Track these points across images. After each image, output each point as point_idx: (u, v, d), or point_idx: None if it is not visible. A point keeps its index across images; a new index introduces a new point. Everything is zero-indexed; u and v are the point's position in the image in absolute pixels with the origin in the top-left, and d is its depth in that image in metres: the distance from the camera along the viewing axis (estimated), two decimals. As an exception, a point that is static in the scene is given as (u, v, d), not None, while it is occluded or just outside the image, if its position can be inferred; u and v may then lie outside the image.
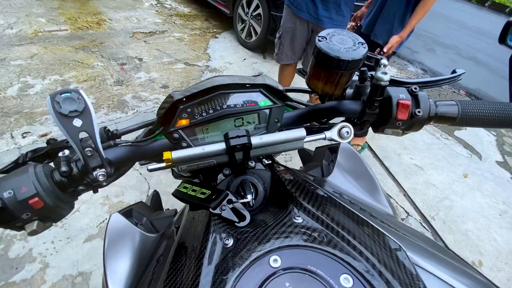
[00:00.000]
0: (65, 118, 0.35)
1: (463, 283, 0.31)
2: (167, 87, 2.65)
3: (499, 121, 0.45)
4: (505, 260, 1.83)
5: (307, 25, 1.90)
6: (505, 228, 2.05)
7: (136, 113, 2.29)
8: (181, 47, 3.34)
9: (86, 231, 1.47)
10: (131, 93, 2.49)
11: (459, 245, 1.87)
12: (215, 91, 0.43)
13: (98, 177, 0.39)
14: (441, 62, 4.49)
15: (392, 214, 0.52)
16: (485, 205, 2.21)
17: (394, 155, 2.46)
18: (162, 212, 0.71)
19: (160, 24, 3.73)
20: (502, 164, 2.69)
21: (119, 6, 3.99)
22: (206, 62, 3.16)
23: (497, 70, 4.58)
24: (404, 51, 4.61)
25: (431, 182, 2.30)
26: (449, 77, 0.52)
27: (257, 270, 0.28)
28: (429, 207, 2.10)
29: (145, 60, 2.95)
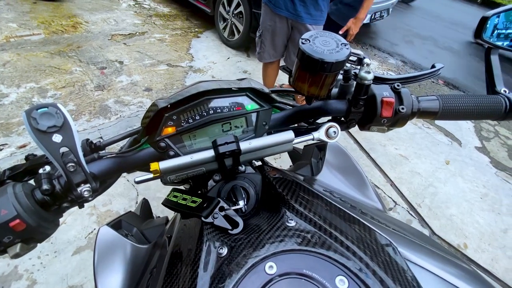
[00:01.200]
0: (44, 134, 0.34)
1: (451, 274, 0.32)
2: (150, 90, 2.60)
3: (477, 113, 0.46)
4: (488, 241, 1.92)
5: (287, 22, 1.90)
6: (486, 211, 2.15)
7: (119, 118, 2.23)
8: (163, 48, 3.27)
9: (74, 243, 1.42)
10: (113, 97, 2.42)
11: (444, 229, 1.95)
12: (200, 97, 0.42)
13: (83, 193, 0.37)
14: (419, 53, 4.63)
15: (382, 209, 0.53)
16: (467, 190, 2.30)
17: (379, 146, 2.52)
18: (152, 220, 0.70)
19: (140, 25, 3.64)
20: (480, 150, 2.80)
21: (95, 7, 3.86)
22: (189, 63, 3.11)
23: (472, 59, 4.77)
24: (384, 44, 4.72)
25: (415, 171, 2.38)
26: (429, 72, 0.53)
27: (253, 278, 0.28)
28: (415, 195, 2.16)
29: (126, 63, 2.88)
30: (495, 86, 0.51)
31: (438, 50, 4.94)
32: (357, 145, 2.49)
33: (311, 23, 1.86)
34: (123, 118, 2.23)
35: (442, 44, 5.14)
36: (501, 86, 0.50)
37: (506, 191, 2.36)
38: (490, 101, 0.47)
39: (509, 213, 2.16)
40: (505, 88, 0.50)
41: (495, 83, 0.51)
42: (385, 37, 5.03)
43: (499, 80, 0.51)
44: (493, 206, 2.20)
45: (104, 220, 1.54)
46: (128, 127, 2.14)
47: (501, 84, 0.50)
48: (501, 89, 0.50)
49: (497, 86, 0.50)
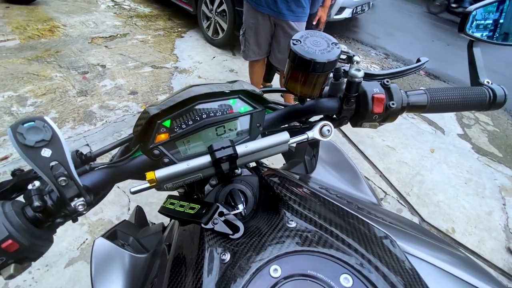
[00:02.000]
0: (32, 149, 0.32)
1: (447, 263, 0.34)
2: (135, 93, 2.54)
3: (463, 105, 0.48)
4: (474, 224, 2.00)
5: (269, 19, 1.90)
6: (471, 195, 2.23)
7: (105, 124, 2.17)
8: (146, 49, 3.20)
9: (66, 255, 1.39)
10: (97, 103, 2.35)
11: (433, 216, 2.02)
12: (192, 102, 0.42)
13: (77, 208, 0.36)
14: (401, 45, 4.73)
15: (376, 202, 0.55)
16: (452, 176, 2.39)
17: (367, 138, 2.57)
18: (148, 228, 0.69)
19: (121, 27, 3.54)
20: (462, 136, 2.91)
21: (72, 10, 3.72)
22: (174, 63, 3.06)
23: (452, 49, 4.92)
24: (367, 38, 4.80)
25: (403, 161, 2.44)
26: (415, 66, 0.55)
27: (258, 283, 0.28)
28: (403, 184, 2.23)
29: (109, 66, 2.80)
30: (478, 78, 0.53)
31: (419, 42, 5.07)
32: (346, 138, 2.53)
33: (293, 20, 1.86)
34: (109, 123, 2.18)
35: (421, 36, 5.28)
36: (484, 78, 0.52)
37: (488, 175, 2.47)
38: (475, 92, 0.49)
39: (492, 196, 2.26)
40: (488, 79, 0.52)
41: (479, 75, 0.53)
42: (368, 30, 5.12)
43: (482, 72, 0.53)
44: (477, 190, 2.29)
45: (96, 229, 1.51)
46: (115, 133, 2.09)
47: (484, 76, 0.52)
48: (484, 80, 0.52)
49: (481, 77, 0.52)
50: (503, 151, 2.81)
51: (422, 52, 4.65)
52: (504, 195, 2.29)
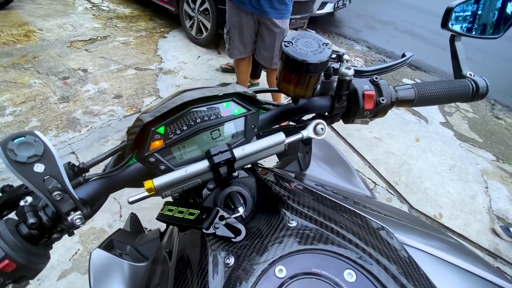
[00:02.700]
0: (24, 166, 0.31)
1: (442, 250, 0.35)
2: (120, 96, 2.48)
3: (448, 97, 0.50)
4: (460, 208, 2.09)
5: (252, 17, 1.89)
6: (455, 180, 2.33)
7: (90, 130, 2.11)
8: (129, 51, 3.13)
9: (58, 267, 1.35)
10: (80, 108, 2.28)
11: (421, 203, 2.09)
12: (186, 107, 0.42)
13: (74, 222, 0.36)
14: (382, 38, 4.83)
15: (370, 195, 0.56)
16: (437, 163, 2.48)
17: (355, 131, 2.62)
18: (145, 235, 0.68)
19: (101, 29, 3.44)
20: (445, 124, 3.02)
21: (48, 13, 3.58)
22: (158, 65, 3.01)
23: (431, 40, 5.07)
24: (349, 31, 4.87)
25: (390, 151, 2.51)
26: (401, 61, 0.56)
27: (265, 284, 0.28)
28: (391, 174, 2.29)
29: (91, 70, 2.72)
30: (461, 71, 0.55)
31: (399, 34, 5.19)
32: (335, 132, 2.58)
33: (276, 17, 1.85)
34: (94, 129, 2.12)
35: (402, 28, 5.40)
36: (466, 70, 0.54)
37: (470, 160, 2.58)
38: (458, 85, 0.51)
39: (475, 180, 2.36)
40: (471, 72, 0.54)
41: (461, 68, 0.55)
42: (350, 24, 5.19)
43: (464, 64, 0.55)
44: (461, 175, 2.39)
45: (88, 238, 1.47)
46: (101, 139, 2.04)
47: (467, 68, 0.55)
48: (467, 73, 0.54)
49: (463, 70, 0.55)
50: (483, 136, 2.94)
51: (403, 44, 4.77)
52: (486, 179, 2.40)
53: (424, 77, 3.91)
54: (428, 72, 4.05)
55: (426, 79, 3.87)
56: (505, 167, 2.58)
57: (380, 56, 4.27)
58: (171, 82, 2.80)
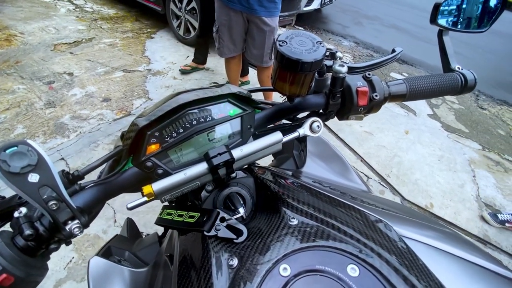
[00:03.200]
0: (18, 176, 0.31)
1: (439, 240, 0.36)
2: (109, 100, 2.44)
3: (439, 91, 0.52)
4: (450, 197, 2.15)
5: (242, 15, 1.88)
6: (444, 170, 2.39)
7: (80, 135, 2.07)
8: (115, 53, 3.06)
9: (52, 277, 1.32)
10: (68, 113, 2.23)
11: (412, 194, 2.14)
12: (181, 110, 0.41)
13: (73, 231, 0.35)
14: (369, 33, 4.90)
15: (366, 190, 0.57)
16: (426, 155, 2.53)
17: (346, 126, 2.66)
18: (143, 240, 0.67)
19: (85, 31, 3.35)
20: (432, 116, 3.09)
21: (29, 16, 3.46)
22: (147, 66, 2.96)
23: (415, 34, 5.17)
24: (336, 27, 4.91)
25: (381, 144, 2.55)
26: (391, 57, 0.57)
27: (270, 284, 0.29)
28: (383, 166, 2.33)
29: (77, 74, 2.65)
30: (450, 65, 0.56)
31: (385, 29, 5.27)
32: (326, 128, 2.60)
33: (266, 16, 1.85)
34: (83, 134, 2.08)
35: (387, 23, 5.48)
36: (455, 64, 0.56)
37: (458, 150, 2.65)
38: (448, 79, 0.52)
39: (463, 170, 2.43)
40: (459, 65, 0.56)
41: (450, 62, 0.56)
42: (337, 20, 5.23)
43: (452, 58, 0.56)
44: (449, 165, 2.45)
45: (82, 246, 1.45)
46: (91, 143, 2.00)
47: (455, 62, 0.56)
48: (455, 66, 0.56)
49: (452, 64, 0.56)
50: (469, 126, 3.02)
51: (389, 38, 4.84)
52: (473, 168, 2.48)
53: (411, 70, 3.99)
54: (415, 66, 4.13)
55: (413, 72, 3.94)
56: (491, 155, 2.66)
57: (367, 51, 4.33)
58: (161, 83, 2.76)
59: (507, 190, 2.32)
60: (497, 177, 2.43)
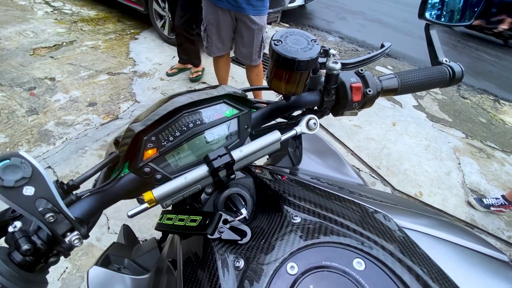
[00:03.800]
0: (12, 190, 0.29)
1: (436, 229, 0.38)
2: (95, 104, 2.37)
3: (429, 84, 0.53)
4: (437, 185, 2.22)
5: (230, 14, 1.87)
6: (431, 159, 2.46)
7: (66, 141, 2.01)
8: (99, 56, 2.98)
9: (46, 288, 1.28)
10: (52, 120, 2.16)
11: (402, 184, 2.19)
12: (177, 113, 0.41)
13: (73, 243, 0.34)
14: (353, 28, 4.96)
15: (362, 183, 0.59)
16: (413, 145, 2.61)
17: (335, 121, 2.69)
18: (141, 246, 0.66)
19: (65, 34, 3.24)
20: (417, 107, 3.17)
21: (4, 20, 3.31)
22: (132, 68, 2.90)
23: (399, 28, 5.28)
24: (321, 23, 4.95)
25: (370, 137, 2.60)
26: (381, 51, 0.58)
27: (278, 283, 0.29)
28: (373, 158, 2.38)
29: (59, 78, 2.57)
30: (437, 58, 0.58)
31: (369, 23, 5.35)
32: (316, 123, 2.62)
33: (254, 14, 1.84)
34: (70, 140, 2.02)
35: (371, 17, 5.57)
36: (442, 57, 0.58)
37: (443, 139, 2.74)
38: (436, 71, 0.54)
39: (448, 158, 2.51)
40: (446, 58, 0.57)
41: (437, 55, 0.58)
42: (321, 16, 5.27)
43: (440, 52, 0.58)
44: (436, 154, 2.53)
45: (76, 255, 1.41)
46: (79, 150, 1.95)
47: (442, 55, 0.58)
48: (443, 59, 0.57)
49: (439, 57, 0.58)
50: (452, 116, 3.13)
51: (373, 32, 4.92)
52: (458, 155, 2.57)
53: (395, 63, 4.07)
54: (398, 59, 4.22)
55: (396, 65, 4.03)
56: (474, 143, 2.77)
57: (352, 45, 4.39)
58: (147, 85, 2.71)
59: (491, 175, 2.42)
60: (481, 163, 2.52)
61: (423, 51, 4.25)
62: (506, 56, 5.09)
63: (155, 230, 0.53)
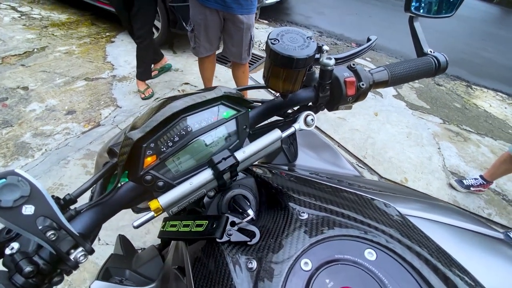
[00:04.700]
0: (11, 211, 0.28)
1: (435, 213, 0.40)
2: (74, 112, 2.28)
3: (416, 75, 0.55)
4: (421, 170, 2.31)
5: (218, 14, 1.84)
6: (413, 146, 2.56)
7: (46, 153, 1.92)
8: (74, 61, 2.85)
9: (37, 307, 1.23)
10: (29, 131, 2.05)
11: (388, 171, 2.27)
12: (176, 118, 0.40)
13: (79, 260, 0.33)
14: (331, 22, 5.05)
15: (358, 174, 0.60)
16: (395, 133, 2.70)
17: (320, 115, 2.72)
18: (140, 255, 0.65)
19: (36, 40, 3.08)
20: (397, 97, 3.28)
21: (-36, 28, 3.10)
22: (110, 72, 2.80)
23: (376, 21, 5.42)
24: (300, 18, 4.99)
25: (354, 128, 2.67)
26: (368, 45, 0.60)
27: (295, 280, 0.29)
28: (358, 149, 2.45)
29: (32, 87, 2.44)
30: (422, 49, 0.60)
31: (346, 17, 5.46)
32: (302, 118, 2.65)
33: (242, 13, 1.83)
34: (50, 151, 1.93)
35: (348, 11, 5.68)
36: (427, 48, 0.60)
37: (423, 125, 2.85)
38: (423, 62, 0.56)
39: (429, 143, 2.63)
40: (431, 49, 0.60)
41: (422, 46, 0.60)
42: (299, 11, 5.32)
43: (424, 43, 0.60)
44: (417, 141, 2.64)
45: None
46: (60, 160, 1.86)
47: (427, 46, 0.60)
48: (427, 50, 0.60)
49: (424, 48, 0.60)
50: (430, 103, 3.27)
51: (350, 26, 5.03)
52: (437, 141, 2.69)
53: (373, 55, 4.19)
54: (376, 50, 4.34)
55: (375, 57, 4.14)
56: (451, 127, 2.91)
57: (331, 39, 4.46)
58: (128, 89, 2.63)
59: (468, 157, 2.55)
60: (458, 146, 2.66)
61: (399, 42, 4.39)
62: (475, 43, 5.37)
63: (154, 238, 0.52)
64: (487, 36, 5.86)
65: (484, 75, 4.19)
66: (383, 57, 4.20)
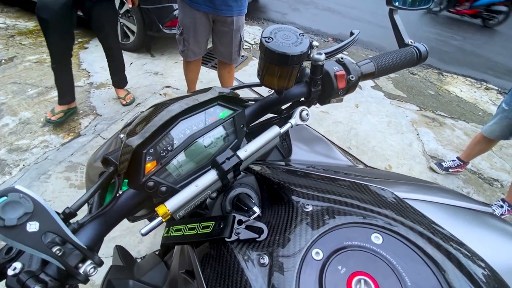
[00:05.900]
0: (16, 229, 0.27)
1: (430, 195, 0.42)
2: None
3: (400, 65, 0.58)
4: (403, 156, 2.42)
5: (207, 16, 1.82)
6: (394, 134, 2.67)
7: (24, 168, 1.82)
8: (46, 70, 2.71)
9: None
10: (3, 147, 1.94)
11: (372, 160, 2.35)
12: (174, 121, 0.40)
13: (89, 273, 0.33)
14: (307, 18, 5.13)
15: (352, 164, 0.62)
16: (376, 123, 2.80)
17: (304, 109, 2.78)
18: (141, 264, 0.64)
19: (2, 51, 2.90)
20: (375, 87, 3.40)
21: None
22: (87, 80, 2.70)
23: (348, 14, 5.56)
24: (276, 15, 5.03)
25: (337, 121, 2.74)
26: (351, 39, 0.62)
27: (308, 270, 0.30)
28: (343, 140, 2.52)
29: (3, 100, 2.30)
30: (403, 40, 0.63)
31: (320, 12, 5.55)
32: (287, 114, 2.69)
33: (232, 15, 1.81)
34: (28, 166, 1.83)
35: (321, 6, 5.79)
36: (408, 39, 0.63)
37: (401, 113, 2.98)
38: (405, 53, 0.59)
39: (408, 130, 2.74)
40: (411, 40, 0.63)
41: (403, 38, 0.63)
42: (274, 8, 5.35)
43: (405, 34, 0.63)
44: (397, 128, 2.75)
45: None
46: (41, 175, 1.78)
47: (407, 37, 0.63)
48: (408, 41, 0.63)
49: (405, 39, 0.63)
50: (406, 91, 3.41)
51: (325, 21, 5.13)
52: (416, 127, 2.81)
53: (350, 48, 4.29)
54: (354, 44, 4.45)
55: (352, 50, 4.26)
56: (427, 114, 3.05)
57: (308, 35, 4.51)
58: (107, 96, 2.55)
59: (445, 141, 2.69)
60: (435, 131, 2.80)
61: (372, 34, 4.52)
62: (443, 32, 5.64)
63: (148, 247, 0.52)
64: (453, 25, 6.18)
65: (453, 62, 4.42)
66: (359, 49, 4.32)
